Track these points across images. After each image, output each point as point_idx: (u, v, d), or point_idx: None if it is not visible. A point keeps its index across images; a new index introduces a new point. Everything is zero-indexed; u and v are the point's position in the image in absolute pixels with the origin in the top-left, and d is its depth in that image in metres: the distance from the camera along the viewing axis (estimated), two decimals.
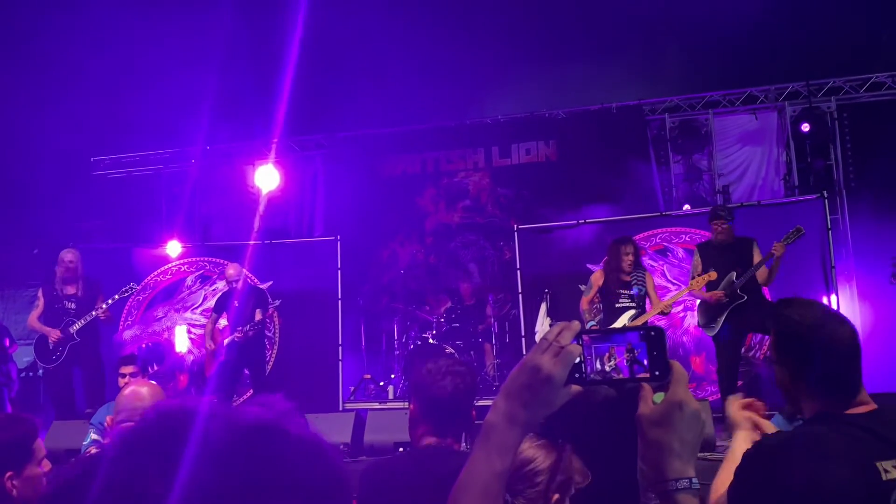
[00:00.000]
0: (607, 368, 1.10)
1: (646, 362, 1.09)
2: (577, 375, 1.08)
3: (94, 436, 4.17)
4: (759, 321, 5.83)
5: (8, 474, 2.08)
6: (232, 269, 7.47)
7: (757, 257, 6.20)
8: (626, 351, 1.10)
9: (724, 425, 5.95)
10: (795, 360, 1.92)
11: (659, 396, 1.11)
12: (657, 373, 1.09)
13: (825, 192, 7.85)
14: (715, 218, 6.35)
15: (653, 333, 1.10)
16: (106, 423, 4.16)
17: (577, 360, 1.08)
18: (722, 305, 6.16)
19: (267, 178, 9.44)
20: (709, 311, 6.29)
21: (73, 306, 7.06)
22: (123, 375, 5.36)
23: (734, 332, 6.21)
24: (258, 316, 7.26)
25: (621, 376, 1.10)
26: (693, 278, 6.36)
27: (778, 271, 6.14)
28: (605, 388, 1.39)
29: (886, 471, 1.64)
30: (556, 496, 1.71)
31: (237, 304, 7.38)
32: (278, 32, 9.50)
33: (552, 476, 1.72)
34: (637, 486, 1.15)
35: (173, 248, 8.86)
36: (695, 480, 1.08)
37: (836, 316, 1.93)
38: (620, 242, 6.48)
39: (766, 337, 6.40)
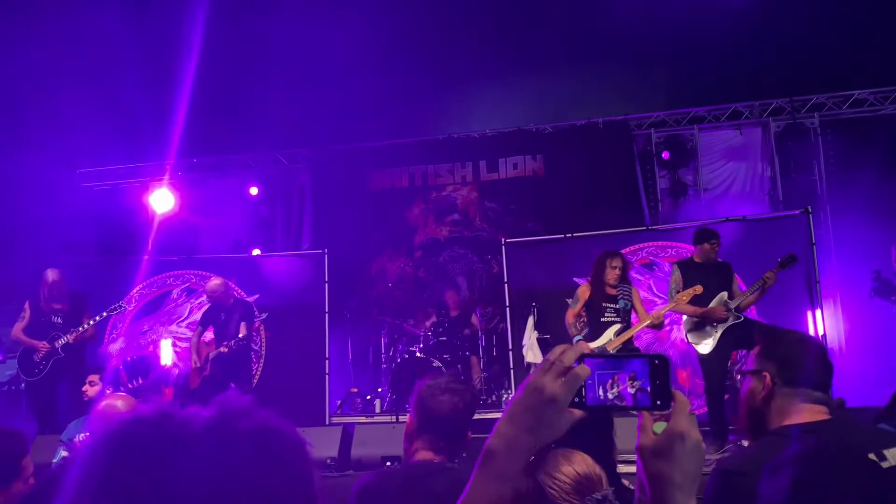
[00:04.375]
0: (610, 395, 1.08)
1: (648, 390, 1.07)
2: (576, 399, 1.06)
3: (64, 453, 4.11)
4: (744, 338, 5.88)
5: None
6: (212, 284, 7.44)
7: (735, 283, 6.29)
8: (628, 378, 1.08)
9: (711, 439, 5.99)
10: (782, 364, 1.99)
11: (659, 426, 1.09)
12: (659, 402, 1.07)
13: (809, 208, 7.93)
14: (711, 238, 6.32)
15: (657, 361, 1.08)
16: (76, 440, 4.11)
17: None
18: (714, 324, 6.17)
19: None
20: (699, 328, 6.28)
21: (60, 320, 7.02)
22: (93, 383, 5.34)
23: (722, 349, 6.23)
24: (243, 330, 7.22)
25: (624, 403, 1.08)
26: (673, 294, 6.37)
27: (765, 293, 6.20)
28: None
29: None
30: None
31: (223, 318, 7.35)
32: (266, 44, 9.54)
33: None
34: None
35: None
36: None
37: (813, 336, 2.07)
38: (608, 255, 6.46)
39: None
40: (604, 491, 1.56)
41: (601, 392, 1.07)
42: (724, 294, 6.21)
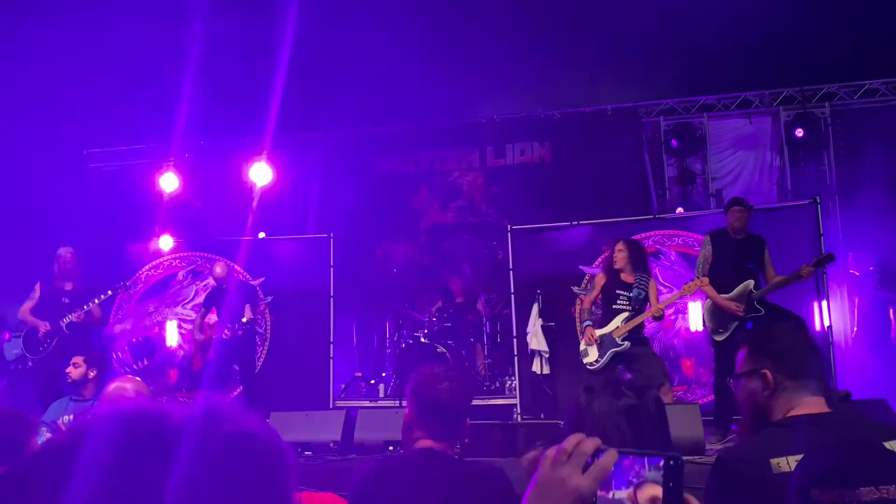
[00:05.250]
0: (617, 495, 1.00)
1: (663, 495, 0.99)
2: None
3: (47, 434, 4.12)
4: None
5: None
6: (219, 268, 7.45)
7: (768, 259, 6.16)
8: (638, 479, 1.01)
9: (713, 429, 5.99)
10: (778, 358, 2.00)
11: None
12: None
13: (818, 198, 7.88)
14: (734, 204, 6.24)
15: (671, 463, 1.00)
16: (60, 423, 4.12)
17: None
18: (735, 315, 6.04)
19: (260, 174, 9.43)
20: (721, 317, 6.16)
21: (68, 301, 7.05)
22: (76, 365, 5.35)
23: (736, 339, 6.14)
24: (248, 313, 7.24)
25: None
26: (699, 270, 6.30)
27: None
28: (628, 396, 1.37)
29: (779, 465, 1.80)
30: None
31: (227, 301, 7.37)
32: (273, 30, 9.49)
33: None
34: None
35: (165, 242, 8.83)
36: None
37: (805, 328, 2.09)
38: (616, 240, 6.43)
39: None
40: None
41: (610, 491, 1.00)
42: (750, 283, 6.06)
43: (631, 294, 6.20)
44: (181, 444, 0.64)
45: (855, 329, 8.59)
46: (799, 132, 8.96)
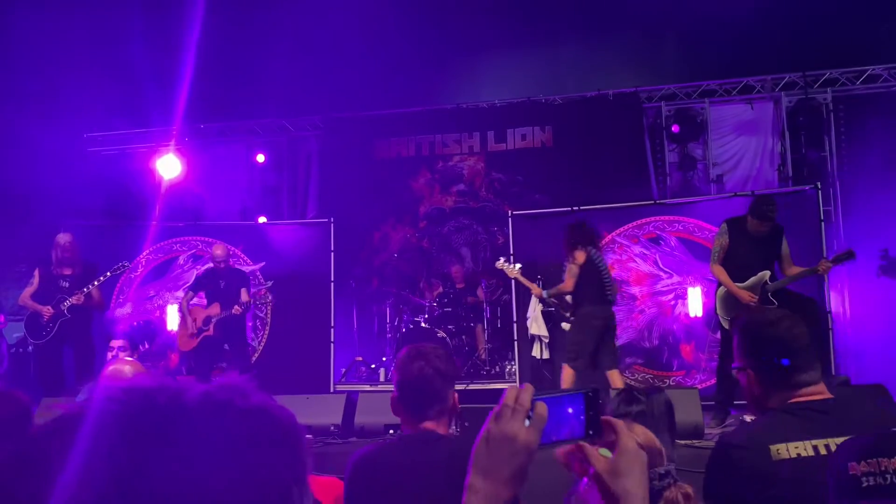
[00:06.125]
0: (553, 434, 1.10)
1: (584, 421, 1.12)
2: None
3: None
4: None
5: None
6: (219, 249, 7.46)
7: (786, 250, 6.07)
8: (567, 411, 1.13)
9: (712, 413, 6.02)
10: (756, 359, 2.02)
11: (605, 452, 1.11)
12: (591, 432, 1.12)
13: (819, 184, 7.87)
14: (764, 218, 5.88)
15: (590, 394, 1.13)
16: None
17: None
18: (748, 305, 5.94)
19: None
20: (731, 304, 6.08)
21: (67, 285, 7.05)
22: (112, 349, 5.36)
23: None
24: (245, 296, 7.28)
25: (564, 438, 1.11)
26: (715, 257, 6.19)
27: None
28: (637, 403, 1.40)
29: (779, 451, 1.81)
30: None
31: (222, 285, 7.39)
32: (274, 9, 9.44)
33: None
34: None
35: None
36: None
37: (790, 315, 2.06)
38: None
39: None
40: (666, 466, 1.55)
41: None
42: (766, 274, 6.00)
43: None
44: (199, 418, 0.64)
45: (848, 315, 8.61)
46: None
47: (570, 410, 1.12)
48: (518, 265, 7.30)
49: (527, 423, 1.04)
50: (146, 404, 0.63)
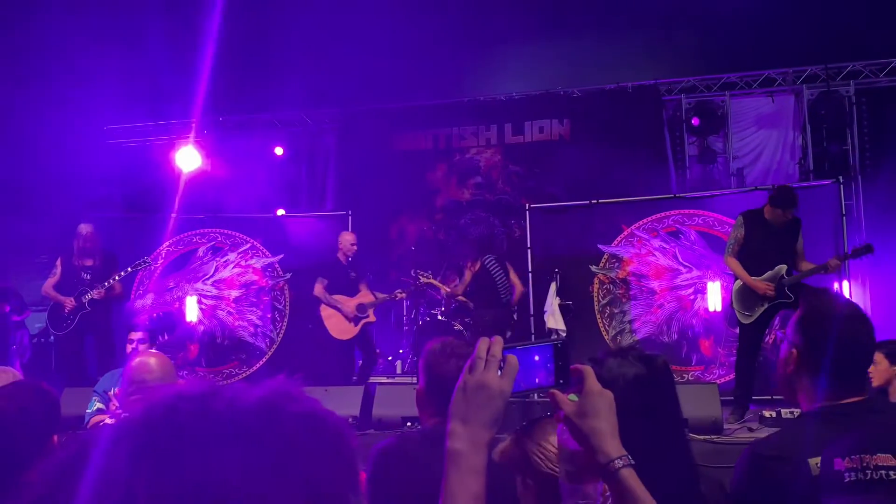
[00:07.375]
0: (525, 382, 1.20)
1: (553, 370, 1.21)
2: None
3: (98, 404, 4.17)
4: (788, 318, 5.76)
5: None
6: (350, 236, 7.80)
7: (800, 246, 6.02)
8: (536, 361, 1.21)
9: (731, 409, 5.99)
10: (810, 344, 1.94)
11: (574, 397, 1.21)
12: (561, 381, 1.21)
13: (840, 178, 7.78)
14: (788, 206, 5.88)
15: (559, 345, 1.22)
16: (110, 394, 4.19)
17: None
18: (765, 298, 5.94)
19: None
20: (749, 299, 6.05)
21: (89, 277, 7.12)
22: (131, 342, 5.40)
23: (761, 323, 6.04)
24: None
25: (535, 387, 1.21)
26: (729, 249, 6.15)
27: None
28: (637, 366, 1.39)
29: (818, 465, 1.68)
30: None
31: (353, 275, 7.76)
32: (292, 4, 9.45)
33: None
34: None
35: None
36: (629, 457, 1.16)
37: (861, 316, 1.96)
38: None
39: (777, 320, 6.31)
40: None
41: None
42: (783, 268, 5.94)
43: None
44: (255, 424, 0.64)
45: (869, 310, 8.52)
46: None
47: (537, 359, 1.21)
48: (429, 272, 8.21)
49: (499, 373, 1.14)
50: (202, 409, 0.64)
